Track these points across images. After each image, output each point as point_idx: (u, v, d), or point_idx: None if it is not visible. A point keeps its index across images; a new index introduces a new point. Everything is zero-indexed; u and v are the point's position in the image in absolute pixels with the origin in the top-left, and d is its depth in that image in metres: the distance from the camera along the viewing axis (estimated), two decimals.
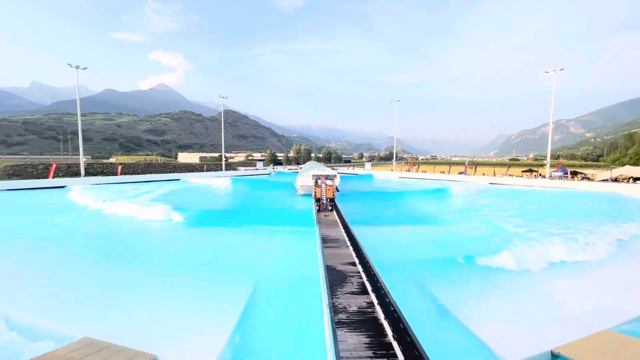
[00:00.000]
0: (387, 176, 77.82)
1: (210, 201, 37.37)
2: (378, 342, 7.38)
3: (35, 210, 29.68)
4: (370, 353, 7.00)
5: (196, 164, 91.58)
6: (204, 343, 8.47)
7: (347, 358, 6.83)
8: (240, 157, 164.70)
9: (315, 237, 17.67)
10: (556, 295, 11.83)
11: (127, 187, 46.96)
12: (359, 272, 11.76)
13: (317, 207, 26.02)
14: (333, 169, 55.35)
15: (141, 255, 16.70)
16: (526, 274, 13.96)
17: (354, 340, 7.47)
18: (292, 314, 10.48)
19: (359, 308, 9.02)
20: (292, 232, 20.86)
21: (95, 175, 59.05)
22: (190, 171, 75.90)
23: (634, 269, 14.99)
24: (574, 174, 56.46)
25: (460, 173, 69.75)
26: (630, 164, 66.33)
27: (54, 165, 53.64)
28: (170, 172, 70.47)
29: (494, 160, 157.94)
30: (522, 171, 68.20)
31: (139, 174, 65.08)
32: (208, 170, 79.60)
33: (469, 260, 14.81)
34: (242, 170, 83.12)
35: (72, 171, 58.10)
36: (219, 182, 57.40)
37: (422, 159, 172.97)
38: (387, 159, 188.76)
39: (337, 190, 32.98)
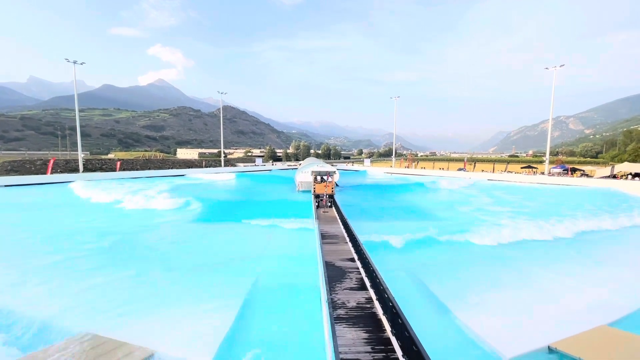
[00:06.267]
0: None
1: (210, 196, 37.32)
2: (377, 337, 7.41)
3: (36, 206, 29.61)
4: (368, 348, 7.03)
5: (195, 160, 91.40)
6: (203, 338, 8.50)
7: (346, 353, 6.85)
8: (239, 153, 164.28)
9: (314, 233, 17.69)
10: (553, 290, 11.90)
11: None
12: (357, 268, 11.78)
13: (317, 204, 26.02)
14: (332, 166, 55.30)
15: (140, 251, 16.70)
16: (523, 269, 14.03)
17: (353, 336, 7.50)
18: (291, 309, 10.52)
19: (357, 303, 9.05)
20: (291, 228, 20.88)
21: (94, 171, 58.88)
22: (189, 167, 75.72)
23: (630, 265, 15.08)
24: (573, 170, 56.62)
25: (460, 169, 69.81)
26: (629, 161, 66.46)
27: (52, 161, 53.45)
28: (169, 169, 70.32)
29: (493, 156, 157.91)
30: (522, 167, 68.31)
31: (137, 170, 64.94)
32: (207, 167, 79.46)
33: (467, 256, 14.86)
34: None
35: (70, 167, 57.89)
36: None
37: (421, 156, 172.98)
38: (386, 155, 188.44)
39: (337, 185, 33.03)
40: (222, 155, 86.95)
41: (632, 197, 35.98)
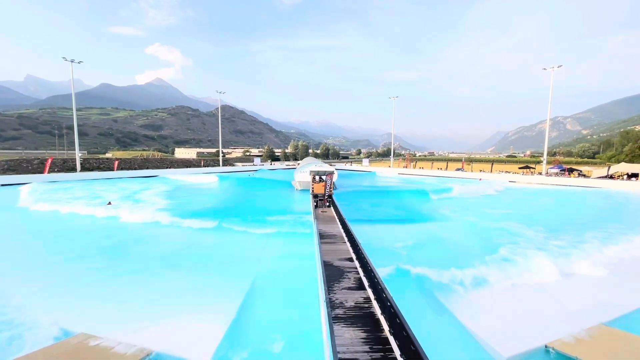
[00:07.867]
0: None
1: (206, 198, 37.25)
2: (375, 337, 7.43)
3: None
4: (366, 348, 7.05)
5: (193, 159, 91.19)
6: (202, 338, 8.49)
7: (344, 352, 6.86)
8: (237, 152, 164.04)
9: (312, 233, 17.69)
10: (550, 290, 11.95)
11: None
12: (356, 268, 11.78)
13: (315, 203, 26.02)
14: (331, 165, 55.17)
15: (138, 252, 16.66)
16: (520, 269, 14.06)
17: (351, 335, 7.51)
18: (289, 309, 10.53)
19: (355, 303, 9.06)
20: (290, 228, 20.86)
21: (92, 170, 58.64)
22: (187, 166, 75.55)
23: (627, 265, 15.16)
24: (571, 170, 56.88)
25: (458, 169, 70.01)
26: (625, 161, 66.84)
27: (49, 160, 53.18)
28: (167, 168, 70.07)
29: (491, 156, 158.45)
30: (519, 167, 68.57)
31: (135, 169, 64.73)
32: (205, 166, 79.31)
33: (464, 256, 14.90)
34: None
35: (68, 166, 57.64)
36: None
37: (419, 156, 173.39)
38: (385, 155, 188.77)
39: (335, 187, 33.04)
40: (221, 154, 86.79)
41: (631, 198, 36.19)
